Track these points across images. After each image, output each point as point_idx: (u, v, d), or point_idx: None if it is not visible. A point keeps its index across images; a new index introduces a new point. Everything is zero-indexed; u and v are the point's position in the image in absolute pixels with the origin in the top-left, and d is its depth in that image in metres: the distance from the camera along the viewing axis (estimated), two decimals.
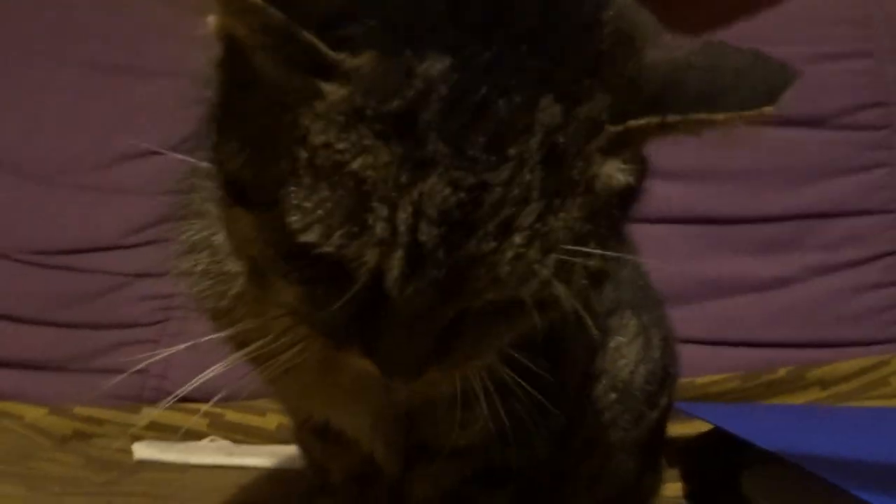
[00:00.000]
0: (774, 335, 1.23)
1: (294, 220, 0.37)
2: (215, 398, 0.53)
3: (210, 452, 0.99)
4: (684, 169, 1.29)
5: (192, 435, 1.07)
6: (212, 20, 0.41)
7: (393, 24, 0.37)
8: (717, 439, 0.90)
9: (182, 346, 0.50)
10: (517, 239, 0.37)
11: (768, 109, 0.39)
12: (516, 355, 0.48)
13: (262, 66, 0.39)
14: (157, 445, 1.00)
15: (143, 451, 0.99)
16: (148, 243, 1.19)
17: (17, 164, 1.32)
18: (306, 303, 0.42)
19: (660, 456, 0.81)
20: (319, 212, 0.37)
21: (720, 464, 0.88)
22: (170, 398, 0.55)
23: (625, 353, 0.72)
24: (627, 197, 0.42)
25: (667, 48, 0.41)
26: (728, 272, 1.26)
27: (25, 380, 1.20)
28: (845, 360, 1.19)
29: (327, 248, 0.37)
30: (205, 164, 0.47)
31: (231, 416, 1.10)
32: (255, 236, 0.41)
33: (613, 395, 0.71)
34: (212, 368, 0.51)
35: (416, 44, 0.37)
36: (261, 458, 0.97)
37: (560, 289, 0.39)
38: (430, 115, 0.36)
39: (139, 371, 1.18)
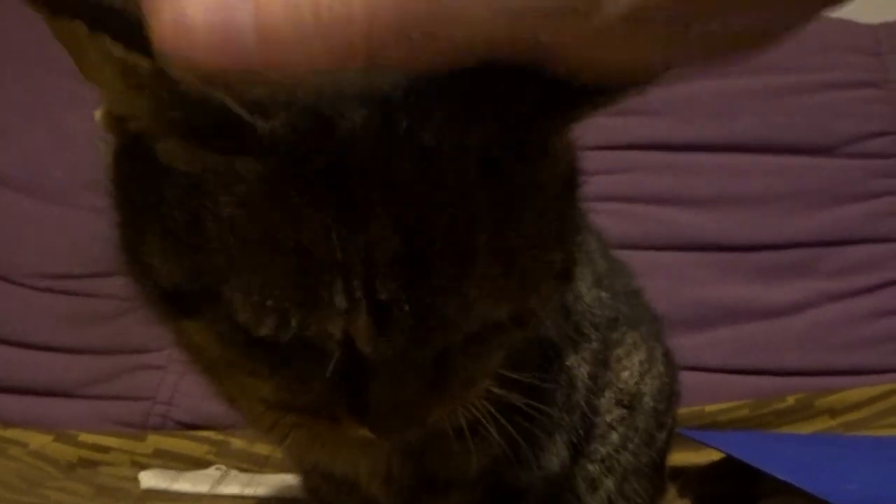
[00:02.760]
0: (785, 362, 1.22)
1: (245, 315, 0.35)
2: None
3: (216, 482, 0.98)
4: (695, 196, 1.30)
5: (198, 463, 1.07)
6: (99, 113, 0.38)
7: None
8: (729, 468, 0.89)
9: None
10: (479, 262, 0.35)
11: None
12: (516, 376, 0.46)
13: (168, 151, 0.36)
14: (164, 474, 0.99)
15: (149, 480, 0.98)
16: None
17: (29, 185, 1.31)
18: (284, 391, 0.39)
19: (665, 478, 0.81)
20: (269, 301, 0.34)
21: (732, 493, 0.87)
22: None
23: (626, 365, 0.71)
24: (570, 182, 0.41)
25: None
26: (739, 299, 1.26)
27: (32, 406, 1.19)
28: (856, 387, 1.18)
29: (286, 335, 0.35)
30: None
31: (237, 443, 1.09)
32: (209, 343, 0.38)
33: (621, 411, 0.70)
34: None
35: (327, 93, 0.34)
36: (269, 487, 0.96)
37: (532, 299, 0.38)
38: (356, 162, 0.34)
39: (145, 398, 1.18)
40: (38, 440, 1.10)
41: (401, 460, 0.58)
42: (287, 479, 0.94)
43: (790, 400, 1.16)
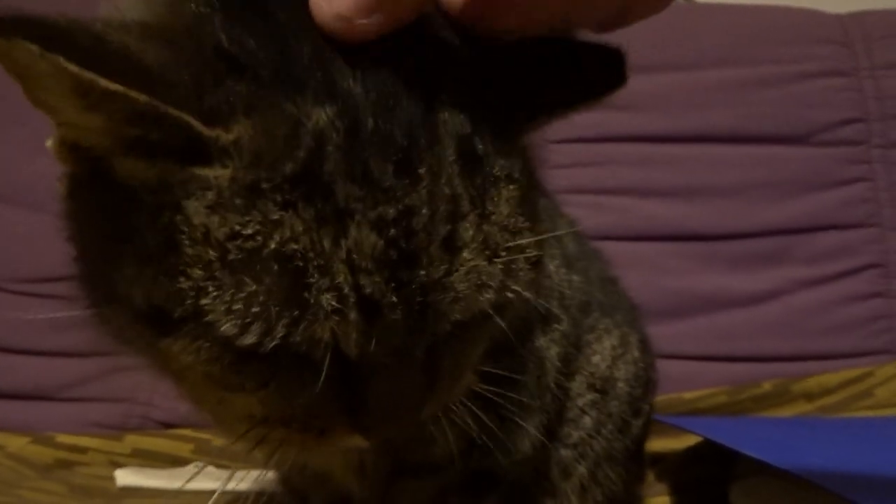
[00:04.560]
0: (762, 349, 1.24)
1: (227, 327, 0.34)
2: None
3: (192, 478, 0.97)
4: (670, 187, 1.31)
5: (177, 461, 1.07)
6: (51, 141, 0.37)
7: (264, 80, 0.34)
8: (706, 453, 0.90)
9: None
10: (466, 254, 0.36)
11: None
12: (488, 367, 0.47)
13: (130, 169, 0.35)
14: (140, 472, 0.99)
15: (125, 477, 0.97)
16: None
17: (5, 192, 1.31)
18: (271, 406, 0.39)
19: (644, 465, 0.81)
20: (253, 308, 0.33)
21: (709, 477, 0.88)
22: None
23: (596, 349, 0.72)
24: (533, 173, 0.42)
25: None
26: (715, 287, 1.27)
27: (11, 410, 1.18)
28: (831, 372, 1.19)
29: (272, 344, 0.34)
30: None
31: (216, 441, 1.08)
32: (192, 360, 0.37)
33: (593, 395, 0.70)
34: None
35: (293, 97, 0.34)
36: (245, 482, 0.95)
37: (513, 287, 0.38)
38: (331, 164, 0.33)
39: (124, 399, 1.18)
40: (16, 442, 1.10)
41: (374, 454, 0.58)
42: (263, 474, 0.93)
43: (767, 385, 1.18)
